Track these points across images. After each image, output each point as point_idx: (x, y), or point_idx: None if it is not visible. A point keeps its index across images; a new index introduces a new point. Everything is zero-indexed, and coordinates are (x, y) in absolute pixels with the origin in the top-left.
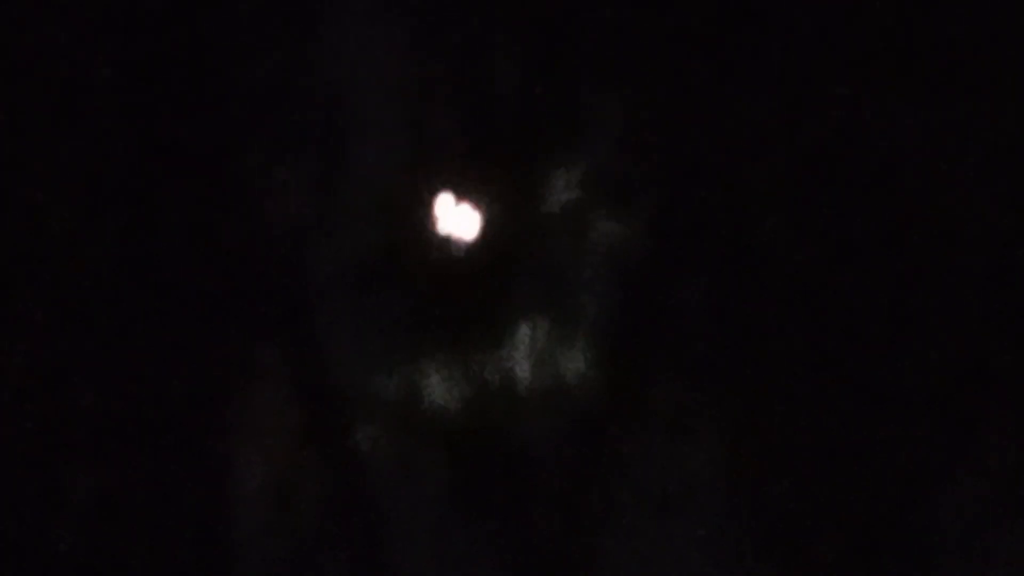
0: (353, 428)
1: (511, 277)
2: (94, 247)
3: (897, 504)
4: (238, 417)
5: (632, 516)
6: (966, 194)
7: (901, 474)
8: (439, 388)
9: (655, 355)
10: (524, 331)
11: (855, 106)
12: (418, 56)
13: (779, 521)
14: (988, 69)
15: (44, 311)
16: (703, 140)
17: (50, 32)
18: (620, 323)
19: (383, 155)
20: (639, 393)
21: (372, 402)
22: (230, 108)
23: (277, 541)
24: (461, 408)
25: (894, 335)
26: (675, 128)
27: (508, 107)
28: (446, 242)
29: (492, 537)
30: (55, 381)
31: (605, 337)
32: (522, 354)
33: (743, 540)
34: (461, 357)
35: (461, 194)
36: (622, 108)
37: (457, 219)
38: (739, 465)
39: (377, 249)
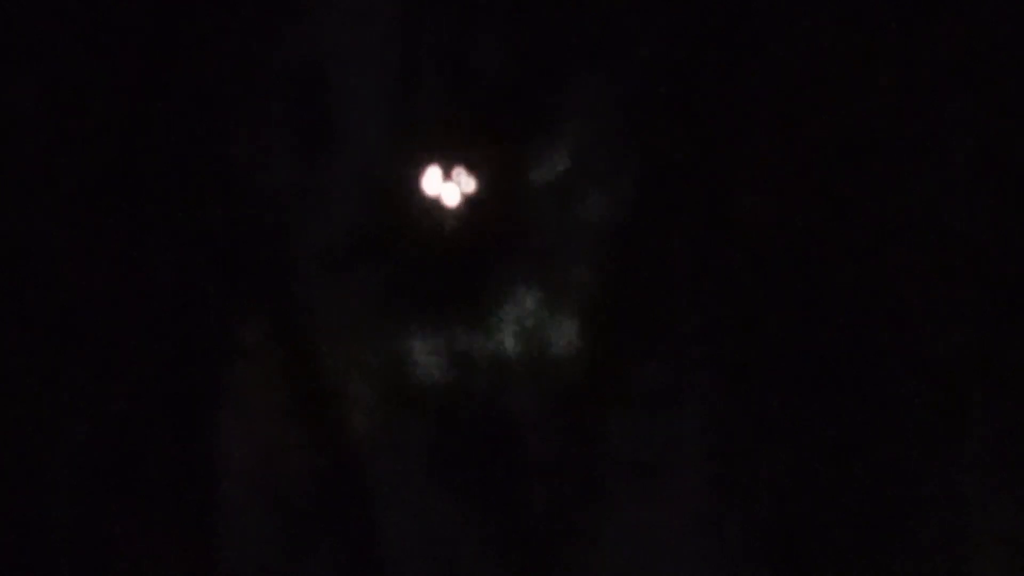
0: (339, 401)
1: (497, 251)
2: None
3: (883, 479)
4: (224, 392)
5: (616, 488)
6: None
7: (887, 450)
8: (425, 361)
9: (640, 329)
10: (510, 305)
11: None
12: (403, 31)
13: (763, 494)
14: None
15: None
16: (687, 116)
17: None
18: (605, 297)
19: (368, 130)
20: (624, 367)
21: (358, 376)
22: (214, 84)
23: (265, 514)
24: (447, 381)
25: (881, 312)
26: (658, 104)
27: (493, 83)
28: (432, 217)
29: (477, 507)
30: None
31: (590, 311)
32: (508, 327)
33: (727, 511)
34: (447, 331)
35: (447, 169)
36: (606, 83)
37: (443, 194)
38: (723, 438)
39: (363, 224)
